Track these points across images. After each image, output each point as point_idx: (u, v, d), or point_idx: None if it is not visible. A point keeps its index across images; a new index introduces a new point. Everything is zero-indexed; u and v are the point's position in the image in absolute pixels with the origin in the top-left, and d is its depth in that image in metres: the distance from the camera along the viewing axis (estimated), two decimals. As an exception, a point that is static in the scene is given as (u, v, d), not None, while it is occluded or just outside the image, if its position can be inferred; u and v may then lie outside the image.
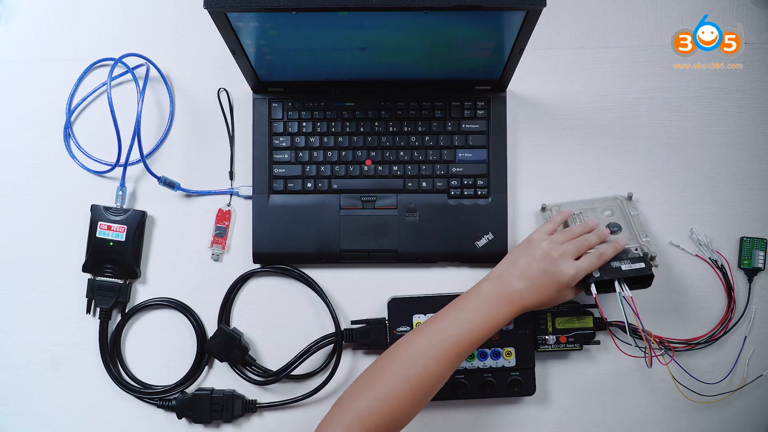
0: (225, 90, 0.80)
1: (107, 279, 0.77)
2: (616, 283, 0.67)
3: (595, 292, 0.67)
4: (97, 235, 0.76)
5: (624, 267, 0.67)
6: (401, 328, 0.74)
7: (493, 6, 0.58)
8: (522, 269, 0.66)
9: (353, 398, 0.61)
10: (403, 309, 0.75)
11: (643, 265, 0.68)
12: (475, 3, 0.57)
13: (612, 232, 0.71)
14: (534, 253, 0.66)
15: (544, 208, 0.78)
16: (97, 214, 0.77)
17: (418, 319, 0.74)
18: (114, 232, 0.76)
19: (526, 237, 0.71)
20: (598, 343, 0.75)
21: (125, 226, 0.76)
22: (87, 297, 0.77)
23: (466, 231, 0.77)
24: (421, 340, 0.63)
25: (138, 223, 0.77)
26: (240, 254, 0.79)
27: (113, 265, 0.76)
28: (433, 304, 0.75)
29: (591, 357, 0.78)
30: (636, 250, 0.69)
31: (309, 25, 0.62)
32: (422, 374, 0.62)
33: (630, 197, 0.77)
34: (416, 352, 0.63)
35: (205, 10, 0.58)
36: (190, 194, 0.79)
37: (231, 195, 0.79)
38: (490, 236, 0.77)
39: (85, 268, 0.77)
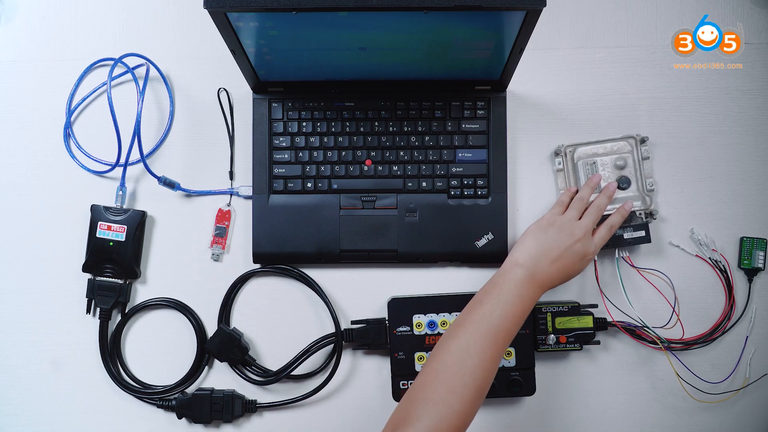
0: (225, 90, 0.80)
1: (107, 279, 0.77)
2: (617, 250, 0.76)
3: (596, 258, 0.75)
4: (97, 235, 0.76)
5: (626, 236, 0.75)
6: (401, 328, 0.74)
7: (493, 6, 0.58)
8: (549, 252, 0.68)
9: (420, 415, 0.58)
10: (403, 309, 0.75)
11: (643, 233, 0.75)
12: (475, 3, 0.57)
13: (621, 188, 0.75)
14: (558, 235, 0.69)
15: (557, 153, 0.78)
16: (97, 214, 0.77)
17: (418, 319, 0.74)
18: (114, 232, 0.76)
19: (536, 222, 0.72)
20: (598, 343, 0.75)
21: (125, 226, 0.76)
22: (87, 297, 0.77)
23: (466, 231, 0.77)
24: (468, 341, 0.62)
25: (138, 223, 0.77)
26: (240, 254, 0.79)
27: (113, 265, 0.76)
28: (433, 304, 0.75)
29: (591, 357, 0.78)
30: (639, 213, 0.75)
31: (309, 25, 0.62)
32: (477, 376, 0.60)
33: (644, 140, 0.77)
34: (466, 354, 0.61)
35: (205, 10, 0.58)
36: (190, 194, 0.79)
37: (231, 195, 0.79)
38: (490, 236, 0.77)
39: (85, 268, 0.77)
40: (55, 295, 0.79)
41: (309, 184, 0.77)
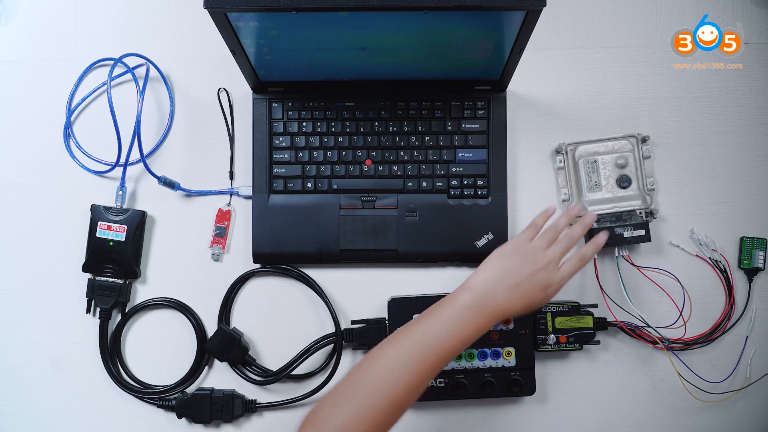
0: (225, 90, 0.80)
1: (107, 279, 0.77)
2: (616, 249, 0.76)
3: (596, 257, 0.76)
4: (97, 235, 0.76)
5: (626, 234, 0.74)
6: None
7: (493, 6, 0.58)
8: (507, 279, 0.64)
9: (328, 416, 0.58)
10: (403, 309, 0.75)
11: (643, 232, 0.74)
12: (475, 3, 0.57)
13: (621, 187, 0.75)
14: (519, 263, 0.65)
15: (558, 151, 0.78)
16: (97, 214, 0.77)
17: None
18: (114, 232, 0.76)
19: (502, 246, 0.68)
20: (598, 343, 0.75)
21: (125, 226, 0.76)
22: (87, 297, 0.77)
23: (466, 231, 0.77)
24: (395, 353, 0.60)
25: (138, 223, 0.77)
26: (240, 254, 0.79)
27: (113, 265, 0.76)
28: (433, 304, 0.74)
29: (591, 357, 0.78)
30: (639, 212, 0.74)
31: (309, 25, 0.62)
32: (395, 389, 0.59)
33: (645, 140, 0.77)
34: (389, 366, 0.60)
35: (205, 10, 0.58)
36: (190, 194, 0.79)
37: (231, 195, 0.79)
38: (490, 236, 0.77)
39: (85, 268, 0.77)
40: (55, 295, 0.79)
41: (309, 184, 0.77)
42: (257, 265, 0.78)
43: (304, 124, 0.77)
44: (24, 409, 0.78)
